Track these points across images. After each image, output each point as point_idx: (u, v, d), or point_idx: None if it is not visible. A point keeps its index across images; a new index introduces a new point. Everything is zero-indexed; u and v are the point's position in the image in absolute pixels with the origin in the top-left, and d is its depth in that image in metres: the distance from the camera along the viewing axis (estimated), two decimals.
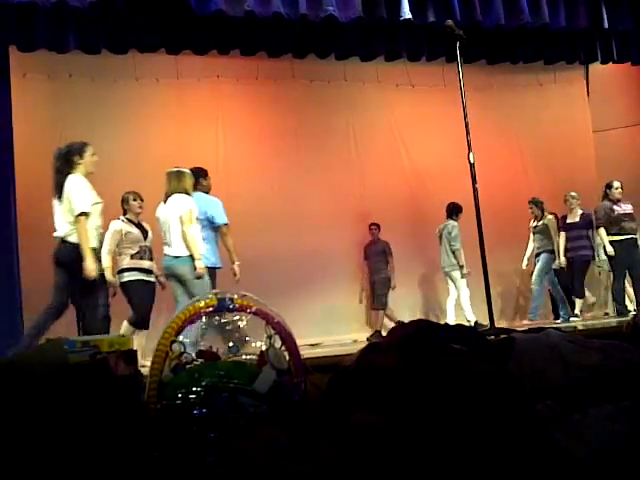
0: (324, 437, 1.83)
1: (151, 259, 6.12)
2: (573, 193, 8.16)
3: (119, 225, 6.04)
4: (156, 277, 6.10)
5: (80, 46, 6.66)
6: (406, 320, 2.43)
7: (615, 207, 7.59)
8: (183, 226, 5.37)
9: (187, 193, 5.58)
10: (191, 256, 5.34)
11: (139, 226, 6.13)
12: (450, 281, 8.27)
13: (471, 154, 4.73)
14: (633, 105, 9.55)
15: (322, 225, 8.38)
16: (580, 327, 5.79)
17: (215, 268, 5.76)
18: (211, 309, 2.24)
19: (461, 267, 8.05)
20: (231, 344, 2.32)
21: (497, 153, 8.94)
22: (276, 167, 8.26)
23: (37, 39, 6.47)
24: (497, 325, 5.24)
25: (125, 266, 5.96)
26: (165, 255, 5.51)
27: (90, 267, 4.75)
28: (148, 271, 6.04)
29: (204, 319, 2.25)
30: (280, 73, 8.34)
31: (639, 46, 8.47)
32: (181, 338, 2.19)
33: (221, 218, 5.81)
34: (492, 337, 2.58)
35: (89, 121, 7.58)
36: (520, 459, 1.75)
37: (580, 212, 8.13)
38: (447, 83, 8.15)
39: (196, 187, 5.84)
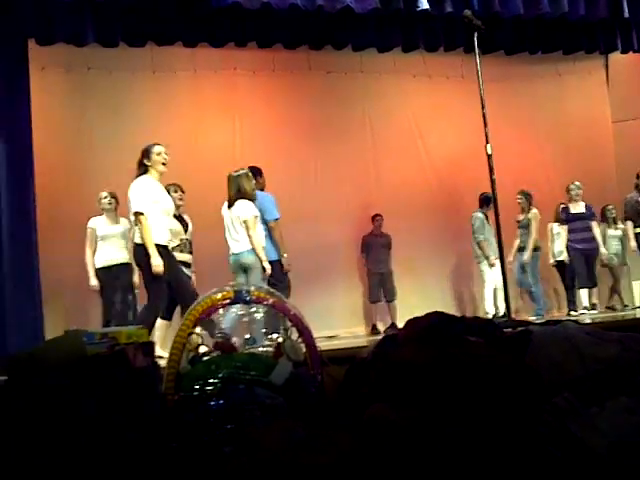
0: (340, 429, 1.84)
1: (190, 252, 6.23)
2: (577, 183, 8.06)
3: None
4: (192, 272, 6.20)
5: (98, 39, 6.68)
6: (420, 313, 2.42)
7: None
8: (249, 231, 5.66)
9: (250, 198, 5.81)
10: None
11: (179, 218, 6.17)
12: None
13: (488, 145, 4.70)
14: None
15: (339, 216, 8.37)
16: (599, 319, 5.74)
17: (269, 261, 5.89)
18: (228, 301, 2.25)
19: (487, 258, 7.99)
20: (248, 336, 2.34)
21: (515, 144, 8.86)
22: (293, 159, 8.26)
23: (55, 32, 6.50)
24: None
25: None
26: (232, 250, 5.77)
27: (155, 263, 4.80)
28: (187, 264, 6.10)
29: (221, 311, 2.27)
30: (297, 65, 8.32)
31: None
32: (199, 330, 2.21)
33: (269, 214, 6.07)
34: (509, 329, 2.57)
35: (107, 113, 7.64)
36: (537, 452, 1.74)
37: (583, 203, 8.05)
38: (465, 74, 8.09)
39: None
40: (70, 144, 7.54)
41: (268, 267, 5.68)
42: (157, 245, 4.88)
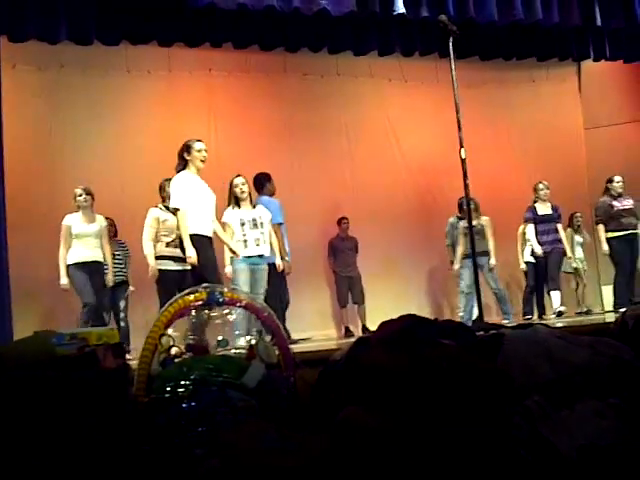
0: (313, 431, 1.83)
1: None
2: (545, 182, 7.91)
3: (156, 213, 6.08)
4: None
5: (71, 37, 6.61)
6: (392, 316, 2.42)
7: (615, 202, 7.51)
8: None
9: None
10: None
11: (175, 212, 6.14)
12: None
13: (462, 150, 4.72)
14: (624, 103, 9.58)
15: (313, 219, 8.37)
16: (570, 324, 5.77)
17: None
18: (200, 302, 2.23)
19: (451, 262, 8.03)
20: (220, 338, 2.32)
21: (489, 149, 8.95)
22: (268, 160, 8.21)
23: (28, 29, 6.41)
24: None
25: (159, 254, 5.98)
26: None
27: (188, 255, 5.16)
28: (182, 259, 6.04)
29: (193, 312, 2.25)
30: (272, 67, 8.32)
31: (631, 44, 8.49)
32: (170, 331, 2.19)
33: (274, 218, 6.38)
34: (481, 333, 2.58)
35: (79, 112, 7.56)
36: (508, 454, 1.75)
37: (549, 204, 7.89)
38: (440, 79, 8.14)
39: (261, 191, 6.69)
40: (42, 143, 7.45)
41: (278, 262, 6.25)
42: (200, 235, 5.24)
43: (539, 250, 7.78)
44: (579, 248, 8.87)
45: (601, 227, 7.57)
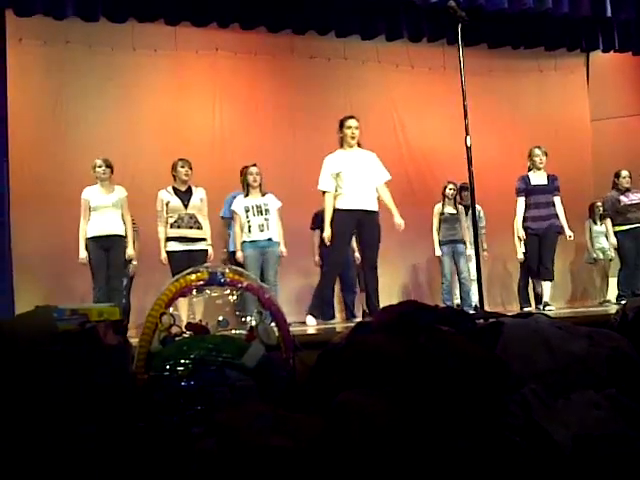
0: (310, 413, 1.84)
1: (192, 227, 6.12)
2: (542, 147, 6.92)
3: (162, 194, 6.15)
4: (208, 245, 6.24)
5: (78, 13, 6.59)
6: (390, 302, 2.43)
7: (622, 197, 7.47)
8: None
9: None
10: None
11: (185, 192, 6.18)
12: None
13: (468, 137, 4.71)
14: (632, 95, 9.53)
15: (316, 202, 8.35)
16: (570, 314, 5.73)
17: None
18: (202, 283, 2.24)
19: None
20: (221, 318, 2.33)
21: (494, 137, 8.90)
22: (272, 143, 8.21)
23: (34, 4, 6.40)
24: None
25: (166, 235, 6.08)
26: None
27: (326, 235, 5.57)
28: (187, 239, 6.07)
29: (194, 292, 2.26)
30: (279, 49, 8.27)
31: None
32: (171, 310, 2.20)
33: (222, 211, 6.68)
34: (481, 320, 2.59)
35: (85, 89, 7.53)
36: (503, 442, 1.76)
37: (545, 173, 6.90)
38: (447, 66, 8.11)
39: None
40: (47, 118, 7.43)
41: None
42: (341, 210, 5.50)
43: (522, 232, 6.82)
44: (602, 238, 8.64)
45: (608, 221, 7.59)
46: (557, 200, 6.83)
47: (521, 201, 6.86)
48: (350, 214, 5.50)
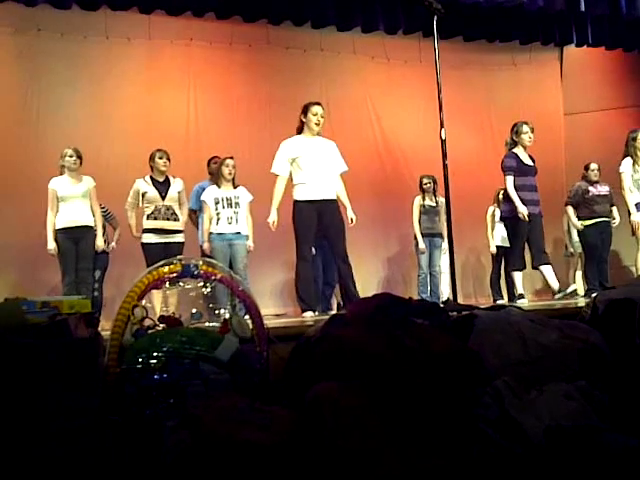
0: (284, 406, 1.84)
1: (168, 219, 6.09)
2: (530, 124, 6.48)
3: (139, 183, 6.12)
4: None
5: (49, 0, 6.47)
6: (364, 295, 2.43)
7: (590, 188, 7.51)
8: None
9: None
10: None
11: (163, 183, 6.14)
12: None
13: (443, 130, 4.72)
14: (605, 90, 9.62)
15: (291, 194, 8.33)
16: (541, 307, 5.71)
17: None
18: (175, 275, 2.22)
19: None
20: (194, 311, 2.31)
21: (469, 131, 8.96)
22: (247, 133, 8.17)
23: None
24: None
25: (143, 227, 6.05)
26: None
27: (270, 220, 5.56)
28: (165, 231, 6.03)
29: (167, 284, 2.24)
30: (255, 39, 8.22)
31: (614, 31, 8.53)
32: (144, 303, 2.18)
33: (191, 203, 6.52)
34: (454, 313, 2.60)
35: (56, 77, 7.43)
36: (476, 434, 1.77)
37: (528, 154, 6.45)
38: (423, 58, 8.13)
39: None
40: (18, 106, 7.32)
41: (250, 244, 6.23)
42: (301, 202, 5.37)
43: (524, 209, 6.11)
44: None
45: (570, 209, 7.51)
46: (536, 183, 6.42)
47: (510, 180, 6.25)
48: (311, 205, 5.35)
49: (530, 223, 6.21)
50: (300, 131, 5.55)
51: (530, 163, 6.37)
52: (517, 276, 6.63)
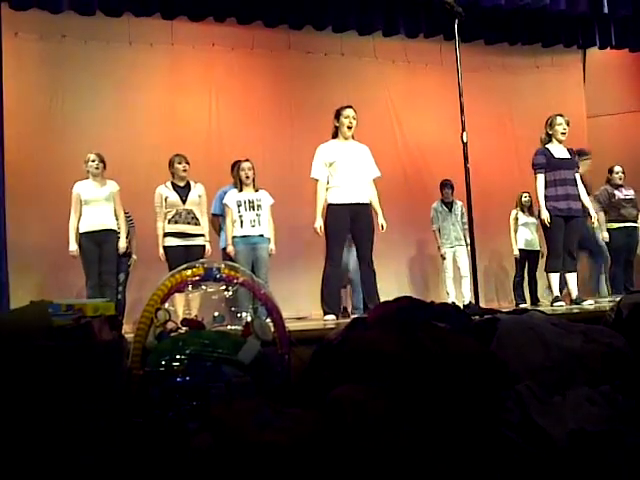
0: (305, 409, 1.84)
1: (189, 223, 6.13)
2: (565, 117, 6.12)
3: (160, 190, 6.15)
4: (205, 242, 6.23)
5: (74, 7, 6.55)
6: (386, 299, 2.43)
7: (616, 192, 7.43)
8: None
9: None
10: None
11: (184, 188, 6.17)
12: None
13: (464, 133, 4.71)
14: (628, 92, 9.53)
15: (311, 199, 8.34)
16: (564, 311, 5.55)
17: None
18: (198, 278, 2.24)
19: (438, 248, 8.03)
20: (216, 314, 2.33)
21: (490, 134, 8.91)
22: (269, 138, 8.20)
23: None
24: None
25: (164, 231, 6.08)
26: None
27: (317, 225, 5.47)
28: (183, 234, 6.07)
29: (190, 288, 2.25)
30: (276, 44, 8.24)
31: (637, 33, 8.44)
32: (167, 306, 2.19)
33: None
34: (477, 317, 2.59)
35: (81, 83, 7.51)
36: (499, 438, 1.76)
37: (565, 147, 6.07)
38: (444, 62, 8.08)
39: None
40: (42, 112, 7.41)
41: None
42: (334, 205, 5.41)
43: (545, 214, 5.81)
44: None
45: (602, 215, 7.42)
46: (578, 178, 5.98)
47: (541, 178, 5.89)
48: (344, 208, 5.40)
49: (568, 222, 5.84)
50: (335, 136, 5.62)
51: (565, 156, 5.94)
52: (553, 277, 6.06)
